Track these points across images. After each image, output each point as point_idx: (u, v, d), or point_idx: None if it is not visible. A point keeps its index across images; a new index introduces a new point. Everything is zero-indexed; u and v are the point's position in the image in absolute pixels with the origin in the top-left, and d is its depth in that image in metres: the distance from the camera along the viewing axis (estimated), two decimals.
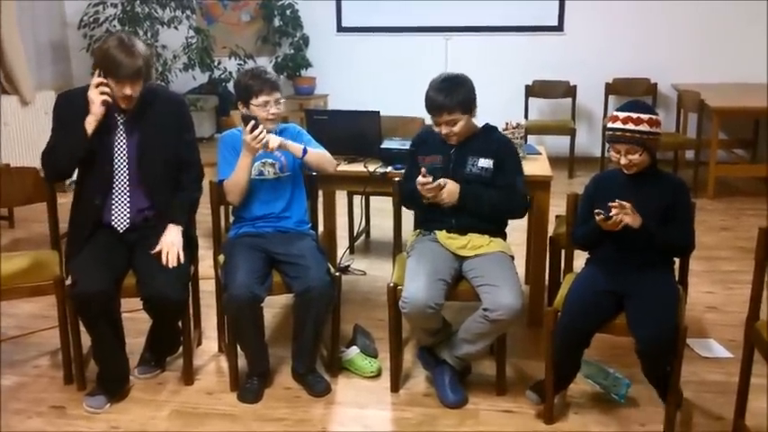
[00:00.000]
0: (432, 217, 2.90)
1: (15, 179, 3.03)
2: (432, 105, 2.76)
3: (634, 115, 2.48)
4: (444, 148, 2.86)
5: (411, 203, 2.96)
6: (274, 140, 2.86)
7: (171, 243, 2.78)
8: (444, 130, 2.78)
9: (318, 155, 3.00)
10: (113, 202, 2.83)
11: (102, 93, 2.69)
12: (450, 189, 2.76)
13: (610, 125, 2.54)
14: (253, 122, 2.81)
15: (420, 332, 2.82)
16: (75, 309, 2.74)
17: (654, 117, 2.49)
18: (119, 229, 2.83)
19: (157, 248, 2.76)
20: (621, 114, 2.50)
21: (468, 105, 2.78)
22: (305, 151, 2.93)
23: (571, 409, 2.74)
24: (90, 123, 2.71)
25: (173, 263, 2.73)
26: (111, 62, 2.67)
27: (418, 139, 2.99)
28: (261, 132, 2.81)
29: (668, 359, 2.44)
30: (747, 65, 6.39)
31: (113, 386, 2.84)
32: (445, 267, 2.72)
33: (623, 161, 2.52)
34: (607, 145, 2.64)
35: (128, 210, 2.84)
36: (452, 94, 2.74)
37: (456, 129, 2.77)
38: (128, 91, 2.69)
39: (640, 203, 2.50)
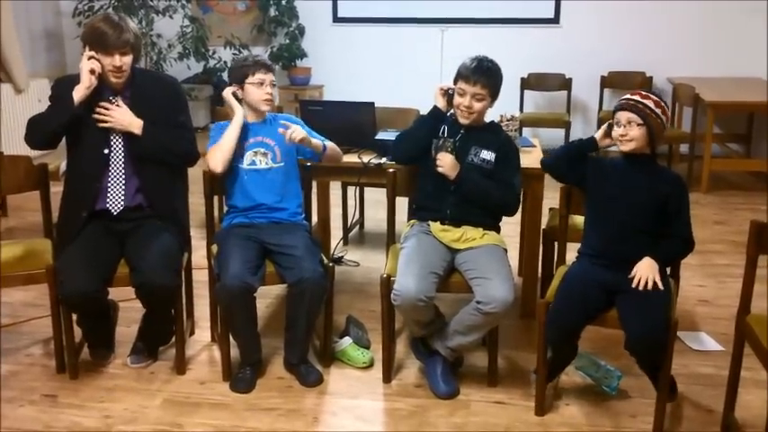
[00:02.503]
0: (427, 205, 2.91)
1: (8, 167, 3.01)
2: (473, 70, 2.79)
3: (644, 92, 2.58)
4: (451, 133, 2.88)
5: (402, 144, 2.98)
6: (299, 132, 2.88)
7: (119, 110, 2.77)
8: (467, 101, 2.80)
9: (335, 149, 3.06)
10: (109, 186, 2.83)
11: (91, 64, 2.72)
12: (450, 162, 2.80)
13: (619, 99, 2.62)
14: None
15: (412, 324, 2.83)
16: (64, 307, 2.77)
17: (662, 103, 2.56)
18: (113, 211, 2.83)
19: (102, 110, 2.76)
20: (632, 92, 2.60)
21: (496, 92, 2.86)
22: (325, 147, 2.99)
23: (562, 400, 2.75)
24: (78, 91, 2.72)
25: (112, 116, 2.75)
26: (97, 35, 2.71)
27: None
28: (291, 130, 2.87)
29: (659, 356, 2.45)
30: (743, 59, 6.41)
31: (100, 354, 3.01)
32: (437, 260, 2.73)
33: (621, 131, 2.54)
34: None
35: (122, 193, 2.84)
36: (493, 73, 2.83)
37: (478, 106, 2.81)
38: (117, 62, 2.72)
39: (634, 192, 2.53)
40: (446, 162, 2.81)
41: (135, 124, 2.78)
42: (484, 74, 2.79)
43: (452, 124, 2.90)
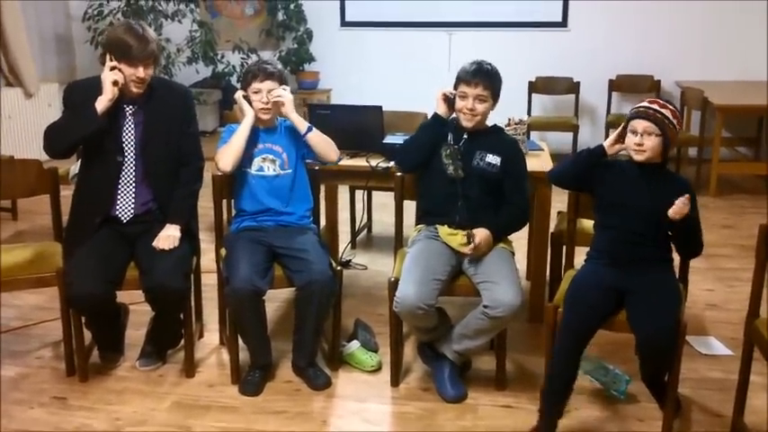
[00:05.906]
0: (436, 210, 2.91)
1: (18, 171, 3.04)
2: (473, 73, 2.81)
3: (661, 101, 2.56)
4: (455, 139, 2.88)
5: (407, 153, 2.99)
6: (287, 98, 2.95)
7: (166, 237, 2.81)
8: (470, 104, 2.81)
9: (322, 137, 3.00)
10: (119, 192, 2.85)
11: (114, 75, 2.73)
12: (485, 240, 2.74)
13: (634, 107, 2.58)
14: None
15: (415, 330, 2.83)
16: (73, 309, 2.79)
17: (677, 112, 2.55)
18: (122, 218, 2.85)
19: (155, 243, 2.79)
20: (649, 100, 2.58)
21: (497, 94, 2.86)
22: (310, 128, 2.96)
23: (571, 405, 2.73)
24: (101, 102, 2.73)
25: (169, 246, 2.77)
26: (122, 45, 2.72)
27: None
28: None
29: (669, 359, 2.44)
30: (751, 62, 6.38)
31: (109, 357, 3.03)
32: (441, 265, 2.72)
33: (636, 140, 2.51)
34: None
35: (132, 200, 2.86)
36: (493, 75, 2.84)
37: (480, 108, 2.81)
38: (141, 73, 2.74)
39: (640, 198, 2.52)
40: (483, 241, 2.73)
41: (178, 230, 2.84)
42: (485, 75, 2.80)
43: (456, 130, 2.90)
